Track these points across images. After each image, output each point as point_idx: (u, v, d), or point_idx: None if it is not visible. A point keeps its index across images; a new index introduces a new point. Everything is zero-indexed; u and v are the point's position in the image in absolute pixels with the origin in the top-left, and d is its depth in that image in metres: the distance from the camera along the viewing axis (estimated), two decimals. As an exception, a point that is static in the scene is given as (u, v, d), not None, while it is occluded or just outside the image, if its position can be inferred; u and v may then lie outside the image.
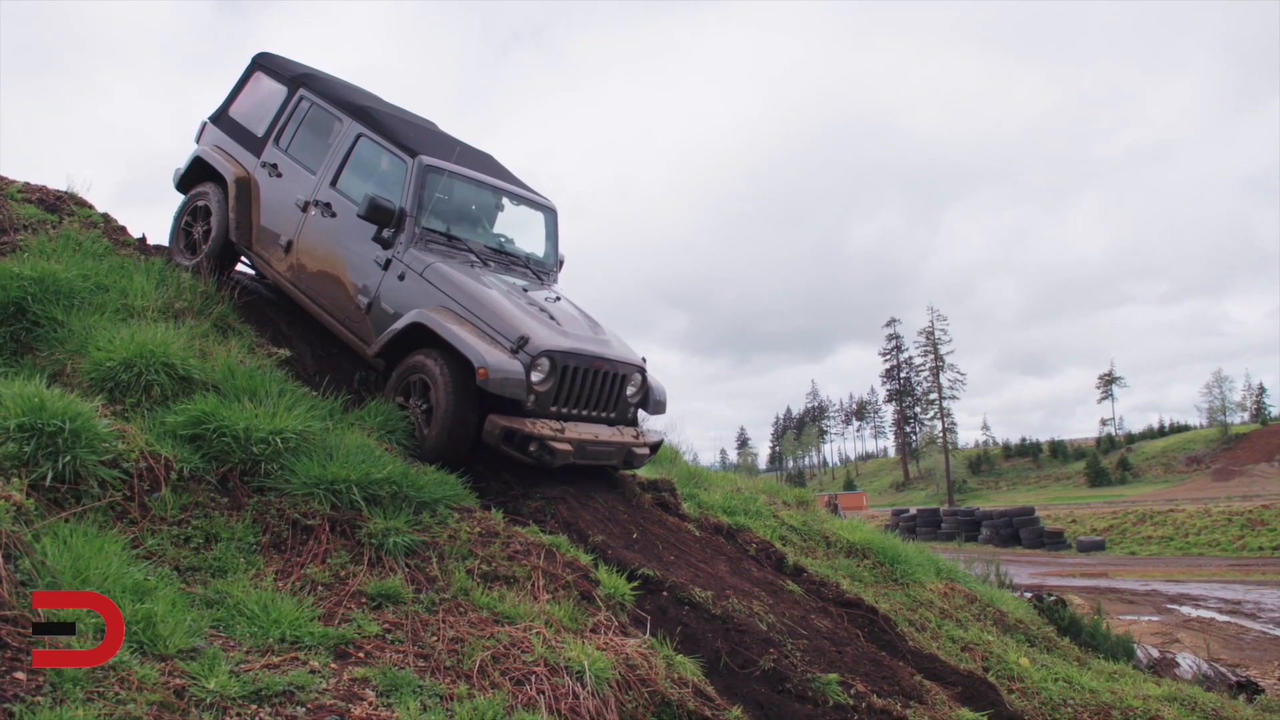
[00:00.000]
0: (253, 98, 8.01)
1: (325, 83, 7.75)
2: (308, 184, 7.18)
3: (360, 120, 7.15)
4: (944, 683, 5.99)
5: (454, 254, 6.80)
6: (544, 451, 5.91)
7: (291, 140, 7.50)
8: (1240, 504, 46.70)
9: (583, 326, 6.70)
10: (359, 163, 7.12)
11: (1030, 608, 10.76)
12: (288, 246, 7.16)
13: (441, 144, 7.40)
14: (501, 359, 5.85)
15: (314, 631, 3.70)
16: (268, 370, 5.89)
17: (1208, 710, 7.40)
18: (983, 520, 46.45)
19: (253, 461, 4.75)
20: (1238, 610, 21.56)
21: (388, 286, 6.57)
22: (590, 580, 4.90)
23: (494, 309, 6.17)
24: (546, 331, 6.16)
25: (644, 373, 6.95)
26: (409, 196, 6.67)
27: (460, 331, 5.95)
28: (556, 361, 6.11)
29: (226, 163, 7.69)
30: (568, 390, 6.29)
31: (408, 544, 4.57)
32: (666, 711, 4.19)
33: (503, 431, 5.84)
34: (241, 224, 7.46)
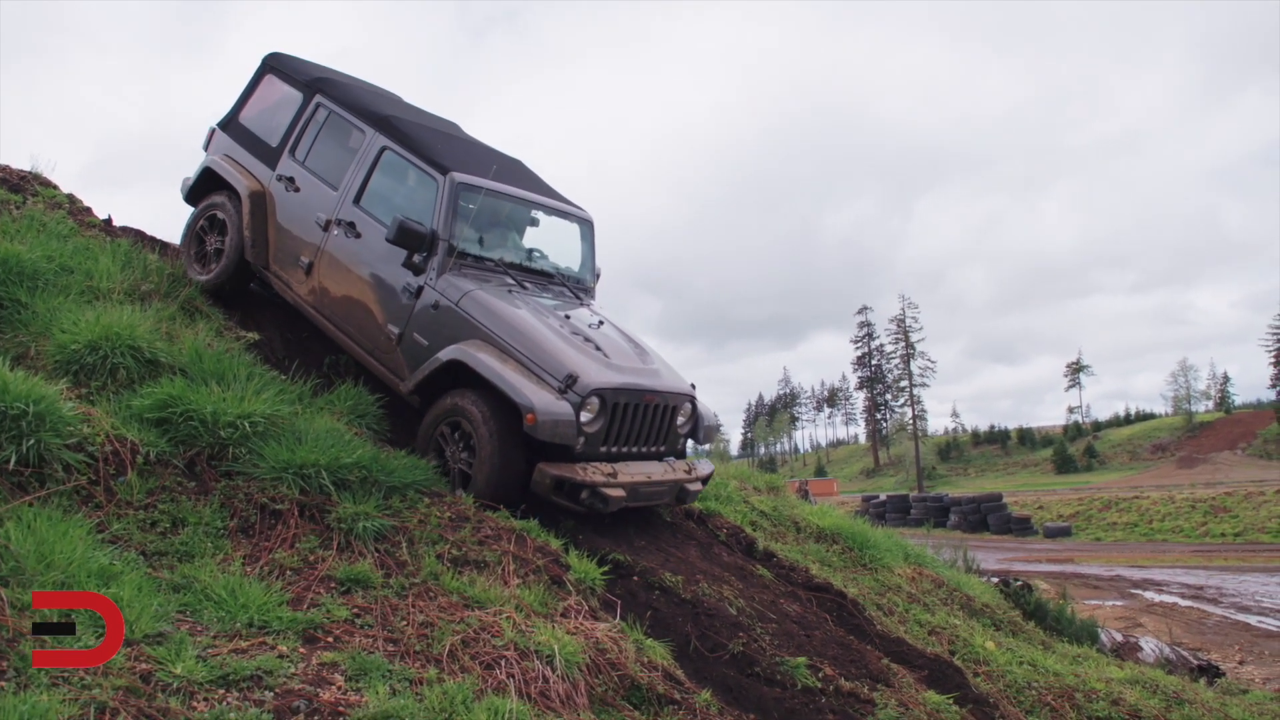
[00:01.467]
0: (264, 103, 7.49)
1: (343, 88, 7.20)
2: (328, 200, 6.66)
3: (384, 132, 6.61)
4: (911, 666, 6.05)
5: (489, 277, 6.30)
6: (596, 500, 5.51)
7: (309, 152, 6.97)
8: (1204, 491, 47.43)
9: (630, 355, 6.23)
10: (384, 178, 6.63)
11: (997, 592, 10.90)
12: (309, 268, 6.65)
13: (473, 156, 6.90)
14: (550, 402, 5.40)
15: (282, 616, 3.69)
16: (236, 353, 5.85)
17: (1169, 693, 7.52)
18: (951, 506, 46.91)
19: (220, 445, 4.72)
20: (1200, 595, 21.91)
21: (420, 316, 6.07)
22: (561, 565, 4.91)
23: (539, 343, 5.71)
24: (595, 367, 5.73)
25: (694, 401, 6.51)
26: (441, 218, 6.14)
27: (504, 371, 5.51)
28: (607, 400, 5.66)
29: (239, 175, 7.14)
30: (618, 428, 5.85)
31: (377, 529, 4.56)
32: (636, 694, 4.21)
33: (553, 481, 5.41)
34: (257, 242, 6.93)
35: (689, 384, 6.48)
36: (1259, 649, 15.50)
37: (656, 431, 6.18)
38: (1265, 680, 12.81)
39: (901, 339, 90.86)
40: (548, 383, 5.52)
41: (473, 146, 7.31)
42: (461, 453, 5.61)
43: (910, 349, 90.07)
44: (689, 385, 6.46)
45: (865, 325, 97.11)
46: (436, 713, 3.30)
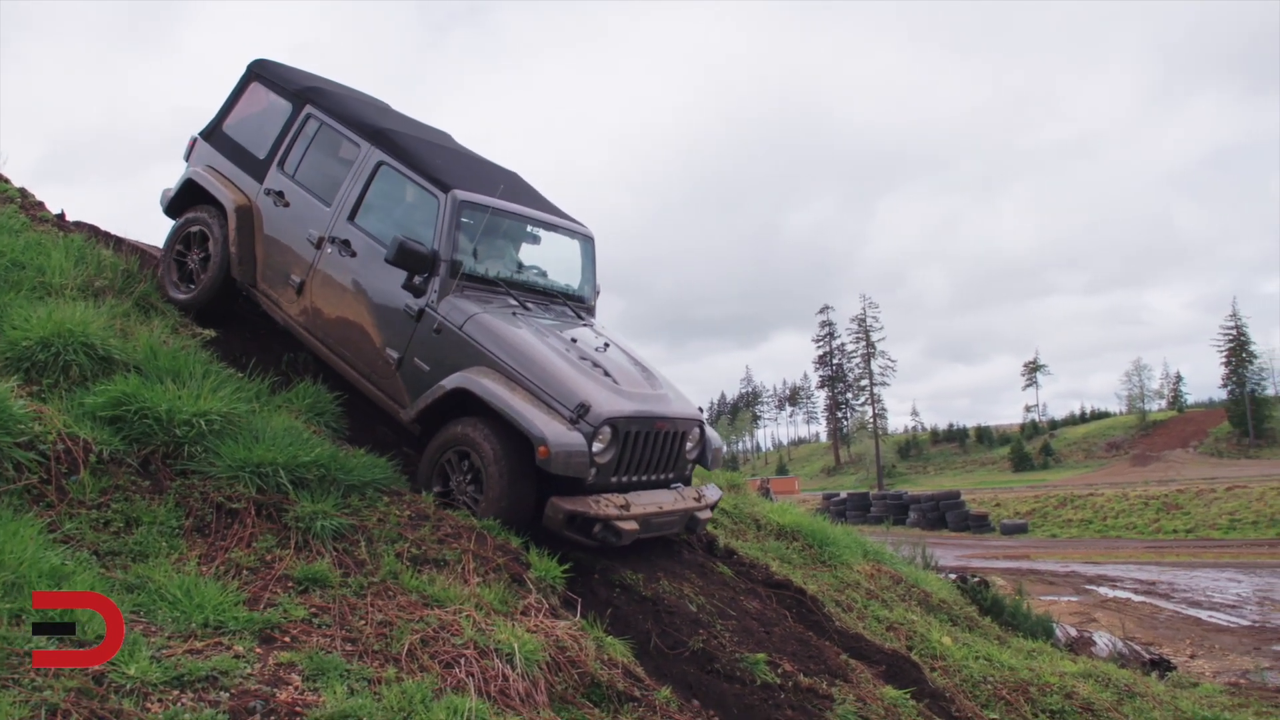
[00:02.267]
0: (250, 112, 7.16)
1: (335, 98, 6.90)
2: (321, 217, 6.38)
3: (380, 146, 6.35)
4: (869, 661, 6.12)
5: (491, 298, 6.07)
6: (609, 534, 5.33)
7: (299, 165, 6.67)
8: (1156, 488, 48.27)
9: (639, 380, 6.04)
10: (381, 194, 6.38)
11: (954, 588, 11.03)
12: (300, 288, 6.37)
13: (473, 171, 6.70)
14: (562, 433, 5.19)
15: (238, 616, 3.65)
16: (192, 351, 5.76)
17: (1120, 686, 7.66)
18: (911, 504, 47.41)
19: (176, 444, 4.65)
20: (1152, 591, 22.31)
21: (422, 340, 5.83)
22: (521, 563, 4.90)
23: (548, 370, 5.50)
24: (606, 394, 5.52)
25: (703, 426, 6.36)
26: (442, 237, 5.90)
27: (514, 400, 5.28)
28: (619, 429, 5.47)
29: (224, 188, 6.84)
30: (629, 457, 5.64)
31: (336, 527, 4.52)
32: (596, 692, 4.22)
33: (566, 516, 5.20)
34: (245, 259, 6.64)
35: (697, 408, 6.35)
36: (1209, 643, 15.81)
37: (666, 459, 6.00)
38: (1215, 674, 13.07)
39: (862, 338, 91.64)
40: (559, 412, 5.32)
41: (470, 160, 7.10)
42: (468, 484, 5.40)
43: (871, 348, 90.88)
44: (697, 409, 6.33)
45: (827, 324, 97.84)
46: (395, 712, 3.28)
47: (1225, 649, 15.27)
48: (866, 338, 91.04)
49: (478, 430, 5.36)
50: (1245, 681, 12.22)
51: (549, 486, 5.33)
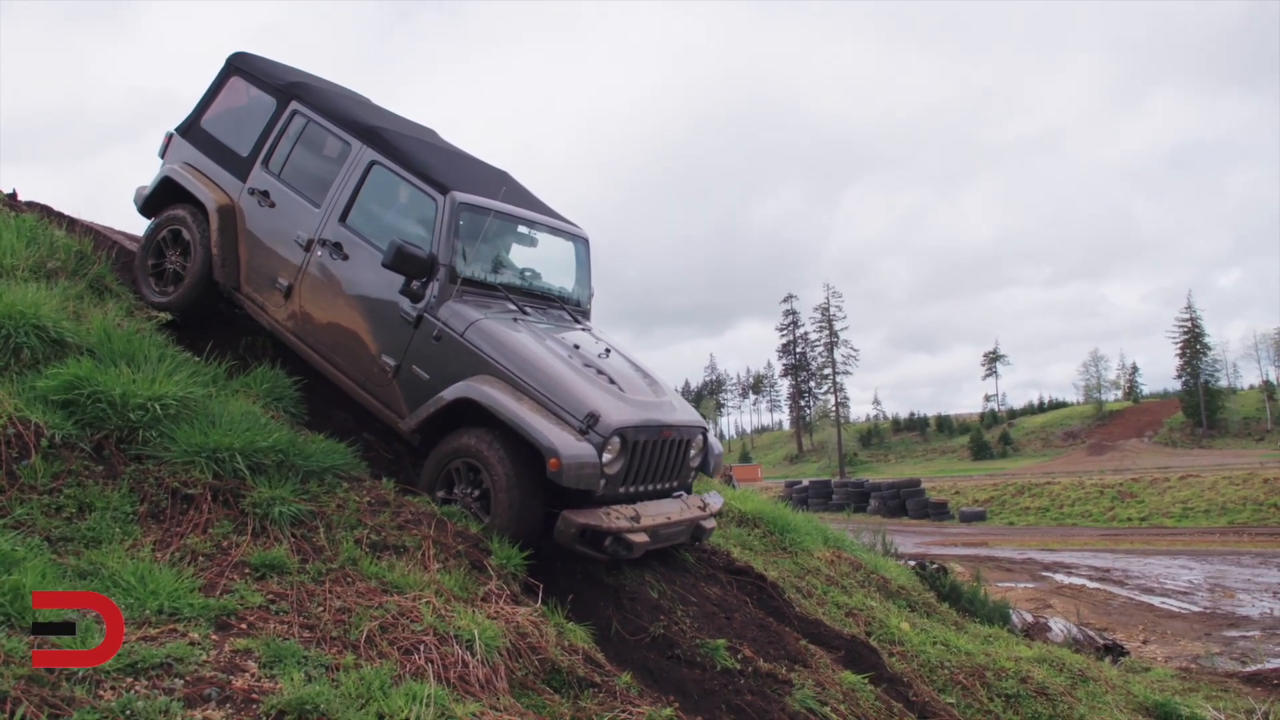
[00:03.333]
0: (230, 107, 6.91)
1: (321, 94, 6.65)
2: (309, 218, 6.16)
3: (373, 145, 6.13)
4: (828, 647, 6.17)
5: (489, 303, 5.88)
6: (620, 546, 5.17)
7: (285, 163, 6.43)
8: (1112, 477, 49.12)
9: (643, 388, 5.89)
10: (373, 195, 6.16)
11: (913, 575, 11.16)
12: (288, 291, 6.15)
13: (469, 172, 6.51)
14: (573, 445, 5.03)
15: (194, 603, 3.60)
16: (147, 334, 5.67)
17: (1074, 671, 7.80)
18: (871, 492, 47.89)
19: (130, 428, 4.57)
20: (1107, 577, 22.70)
21: (420, 347, 5.64)
22: (481, 549, 4.88)
23: (555, 379, 5.33)
24: (614, 403, 5.38)
25: (705, 433, 6.24)
26: (441, 241, 5.71)
27: (522, 411, 5.11)
28: (627, 439, 5.32)
29: (205, 187, 6.56)
30: (637, 467, 5.50)
31: (294, 513, 4.47)
32: (557, 678, 4.21)
33: (579, 530, 5.04)
34: (228, 261, 6.39)
35: (699, 416, 6.24)
36: (1161, 629, 16.13)
37: (672, 467, 5.88)
38: (1167, 658, 13.35)
39: (826, 328, 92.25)
40: (567, 422, 5.16)
41: (463, 159, 6.90)
42: (474, 498, 5.24)
43: (834, 337, 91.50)
44: (700, 418, 6.21)
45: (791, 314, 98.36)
46: (353, 699, 3.25)
47: (1177, 634, 15.59)
48: (830, 327, 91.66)
49: (487, 444, 5.16)
50: (1196, 666, 12.49)
51: (556, 498, 5.20)
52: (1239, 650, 14.21)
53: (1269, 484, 40.69)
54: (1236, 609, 18.10)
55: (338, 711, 3.06)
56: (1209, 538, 33.67)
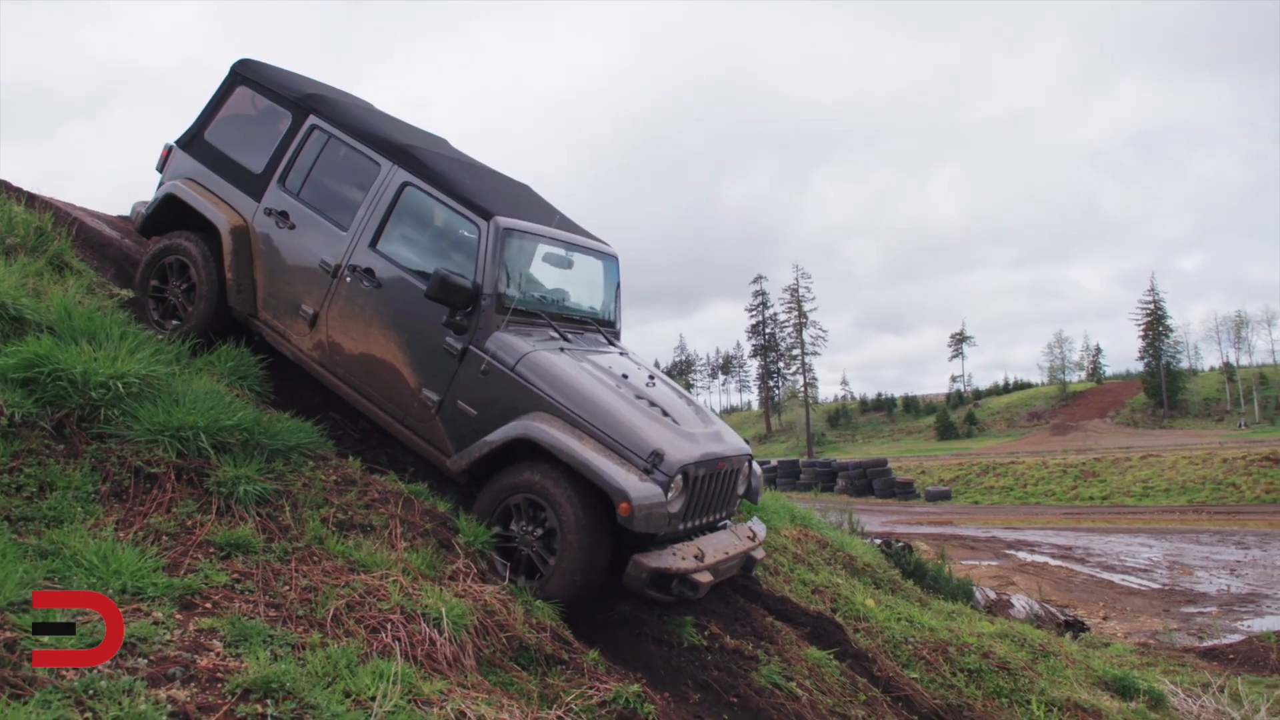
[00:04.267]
0: (238, 120, 6.56)
1: (342, 109, 6.28)
2: (335, 242, 5.83)
3: (406, 166, 5.80)
4: (794, 623, 6.23)
5: (531, 330, 5.61)
6: (685, 588, 4.96)
7: (304, 182, 6.07)
8: (1075, 457, 49.78)
9: (693, 419, 5.71)
10: (406, 219, 5.86)
11: (878, 553, 11.27)
12: (313, 320, 5.83)
13: (504, 192, 6.24)
14: (641, 488, 4.78)
15: (158, 582, 3.57)
16: (108, 312, 5.58)
17: (1036, 646, 7.92)
18: (839, 471, 48.26)
19: (92, 407, 4.51)
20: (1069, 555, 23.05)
21: (466, 382, 5.36)
22: (449, 528, 4.88)
23: (615, 416, 5.10)
24: (674, 439, 5.18)
25: (751, 460, 6.07)
26: (486, 269, 5.43)
27: (587, 453, 4.86)
28: (689, 475, 5.10)
29: (215, 206, 6.19)
30: (695, 503, 5.28)
31: (259, 492, 4.44)
32: (525, 655, 4.23)
33: (651, 575, 4.82)
34: (243, 286, 6.05)
35: (744, 441, 6.09)
36: (1121, 605, 16.41)
37: (723, 499, 5.69)
38: (1126, 634, 13.59)
39: (795, 308, 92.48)
40: (632, 462, 4.92)
41: (492, 176, 6.61)
42: (536, 536, 4.96)
43: (803, 318, 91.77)
44: (744, 442, 6.06)
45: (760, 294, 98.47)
46: (319, 677, 3.25)
47: (1136, 611, 15.88)
48: (799, 308, 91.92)
49: (553, 482, 4.90)
50: (1154, 642, 12.72)
51: (617, 538, 4.99)
52: (1196, 626, 14.50)
53: (1227, 463, 41.42)
54: (1194, 586, 18.45)
55: (304, 690, 3.06)
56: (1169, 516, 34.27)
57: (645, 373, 6.02)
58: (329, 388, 5.93)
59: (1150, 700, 7.33)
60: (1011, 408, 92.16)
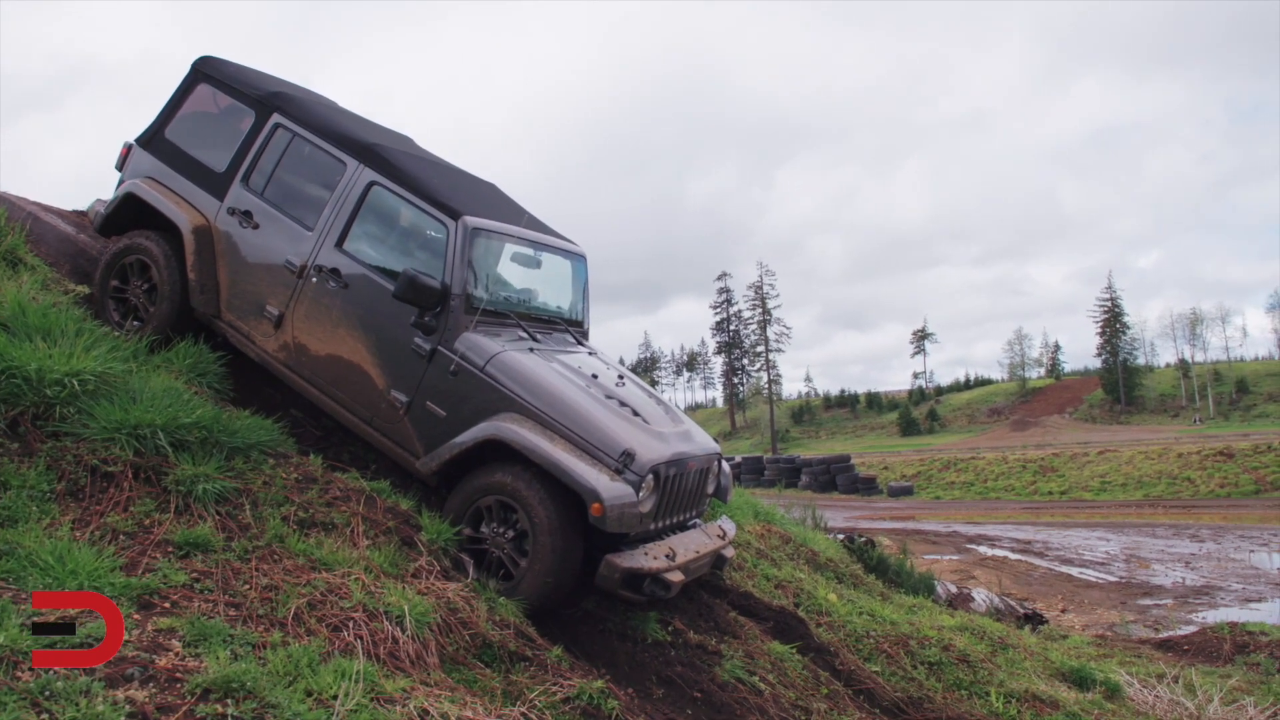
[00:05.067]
0: (199, 118, 6.46)
1: (306, 107, 6.20)
2: (300, 242, 5.76)
3: (372, 165, 5.75)
4: (757, 618, 6.27)
5: (500, 331, 5.57)
6: (658, 587, 4.96)
7: (268, 181, 6.00)
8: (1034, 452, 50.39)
9: (663, 418, 5.69)
10: (373, 219, 5.81)
11: (841, 548, 11.36)
12: (278, 320, 5.77)
13: (471, 192, 6.20)
14: (613, 488, 4.79)
15: (115, 582, 3.53)
16: (64, 308, 5.50)
17: (995, 639, 8.03)
18: (803, 467, 48.48)
19: (46, 405, 4.44)
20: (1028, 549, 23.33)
21: (435, 382, 5.32)
22: (412, 526, 4.86)
23: (584, 416, 5.08)
24: (644, 439, 5.16)
25: (720, 459, 6.07)
26: (454, 269, 5.40)
27: (558, 454, 4.85)
28: (660, 475, 5.09)
29: (177, 206, 6.09)
30: (665, 502, 5.27)
31: (219, 491, 4.39)
32: (488, 653, 4.23)
33: (624, 575, 4.80)
34: (206, 287, 5.98)
35: (713, 439, 6.08)
36: (1079, 598, 16.64)
37: (693, 498, 5.68)
38: (1084, 626, 13.78)
39: (759, 305, 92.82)
40: (603, 462, 4.92)
41: (459, 175, 6.54)
42: (508, 539, 4.94)
43: (767, 315, 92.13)
44: (713, 441, 6.05)
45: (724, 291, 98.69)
46: (280, 676, 3.23)
47: (1094, 603, 16.11)
48: (763, 305, 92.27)
49: (525, 484, 4.90)
50: (1111, 634, 12.93)
51: (588, 539, 4.99)
52: (1153, 618, 14.75)
53: (1183, 458, 42.11)
54: (1151, 578, 18.75)
55: (265, 689, 3.04)
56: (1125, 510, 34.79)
57: (614, 372, 6.01)
58: (295, 389, 5.86)
59: (1106, 691, 7.45)
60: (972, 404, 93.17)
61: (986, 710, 5.97)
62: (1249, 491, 37.26)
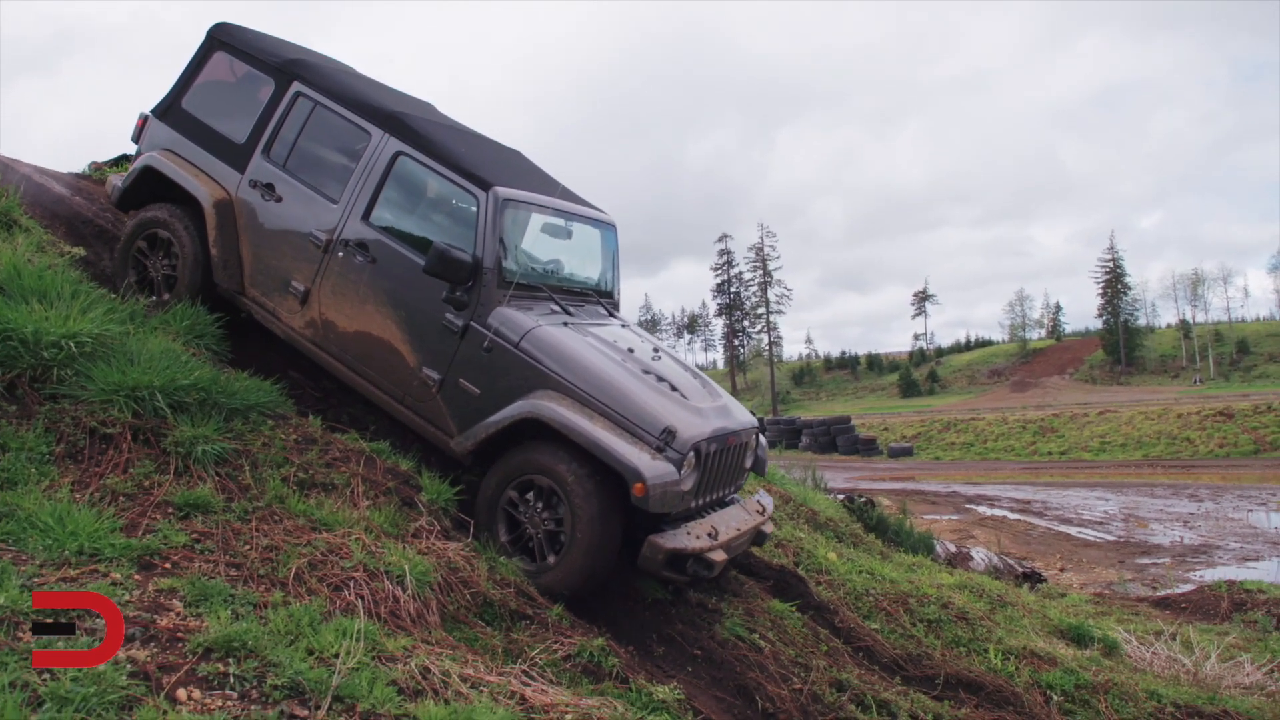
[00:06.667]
0: (217, 87, 6.30)
1: (328, 75, 6.03)
2: (326, 214, 5.62)
3: (398, 134, 5.58)
4: (757, 577, 6.30)
5: (532, 304, 5.41)
6: (700, 567, 4.88)
7: (290, 153, 5.85)
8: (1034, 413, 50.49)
9: (700, 392, 5.55)
10: (400, 190, 5.67)
11: (841, 508, 11.39)
12: (304, 297, 5.64)
13: (500, 160, 6.03)
14: (655, 467, 4.64)
15: (115, 543, 3.53)
16: (59, 270, 5.46)
17: (994, 597, 8.07)
18: (803, 429, 48.65)
19: (44, 367, 4.43)
20: (1027, 509, 23.45)
21: (468, 359, 5.18)
22: (412, 486, 4.87)
23: (624, 393, 4.94)
24: (685, 415, 5.03)
25: (759, 433, 5.95)
26: (486, 242, 5.23)
27: (599, 432, 4.71)
28: (701, 452, 4.96)
29: (196, 179, 5.95)
30: (706, 480, 5.14)
31: (218, 452, 4.39)
32: (489, 611, 4.25)
33: (667, 556, 4.70)
34: (229, 262, 5.86)
35: (750, 413, 5.97)
36: (1077, 557, 16.74)
37: (732, 473, 5.57)
38: (1082, 585, 13.87)
39: (760, 267, 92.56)
40: (644, 440, 4.78)
41: (486, 144, 6.35)
42: (546, 518, 4.84)
43: (768, 277, 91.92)
44: (751, 415, 5.95)
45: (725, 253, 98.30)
46: (281, 635, 3.24)
47: (1092, 562, 16.21)
48: (764, 266, 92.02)
49: (565, 465, 4.76)
50: (1109, 592, 13.01)
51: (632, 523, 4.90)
52: (1150, 576, 14.83)
53: (1182, 419, 42.21)
54: (1149, 538, 18.84)
55: (266, 648, 3.05)
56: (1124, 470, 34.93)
57: (649, 345, 5.87)
58: (323, 367, 5.77)
59: (1104, 648, 7.50)
60: (973, 365, 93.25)
61: (985, 666, 6.01)
62: (1248, 451, 37.39)
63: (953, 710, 5.36)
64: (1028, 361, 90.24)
